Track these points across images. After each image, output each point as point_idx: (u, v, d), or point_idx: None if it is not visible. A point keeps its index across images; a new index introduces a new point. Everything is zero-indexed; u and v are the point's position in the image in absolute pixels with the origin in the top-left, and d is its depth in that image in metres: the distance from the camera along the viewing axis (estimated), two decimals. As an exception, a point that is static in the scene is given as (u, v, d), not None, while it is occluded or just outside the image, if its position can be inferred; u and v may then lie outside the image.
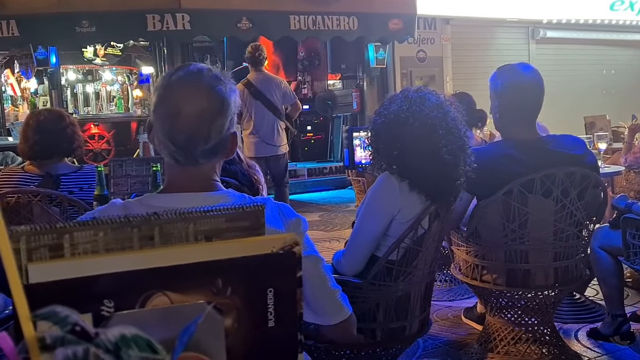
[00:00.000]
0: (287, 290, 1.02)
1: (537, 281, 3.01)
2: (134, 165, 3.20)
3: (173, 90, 1.48)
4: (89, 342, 0.49)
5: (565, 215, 2.93)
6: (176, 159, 1.48)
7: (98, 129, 10.09)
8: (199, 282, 0.95)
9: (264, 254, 1.00)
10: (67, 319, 0.49)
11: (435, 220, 2.35)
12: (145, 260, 0.93)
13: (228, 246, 0.98)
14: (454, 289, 4.58)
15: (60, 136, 3.18)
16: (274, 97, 6.38)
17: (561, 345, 3.26)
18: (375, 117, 2.48)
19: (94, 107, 11.75)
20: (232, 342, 0.97)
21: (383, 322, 2.33)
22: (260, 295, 1.00)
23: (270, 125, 6.38)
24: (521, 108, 2.96)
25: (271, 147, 6.36)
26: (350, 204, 8.75)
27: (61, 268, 0.91)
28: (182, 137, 1.45)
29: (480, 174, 2.52)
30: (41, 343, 0.48)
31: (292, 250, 1.02)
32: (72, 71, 11.66)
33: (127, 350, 0.49)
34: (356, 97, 10.82)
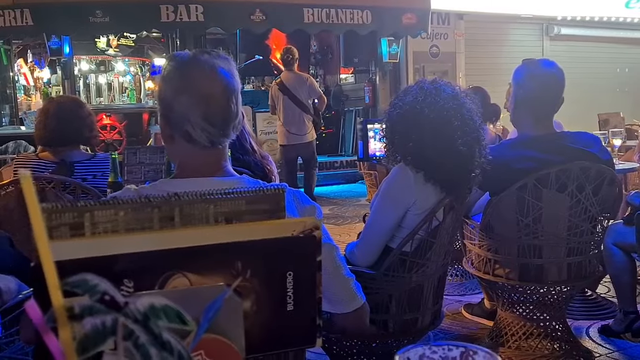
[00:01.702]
0: (307, 274, 1.01)
1: (550, 276, 2.99)
2: (147, 154, 3.20)
3: (194, 76, 1.51)
4: (117, 312, 0.48)
5: (579, 211, 2.91)
6: (212, 140, 1.53)
7: (110, 119, 10.12)
8: (218, 264, 0.95)
9: (284, 237, 0.99)
10: (96, 287, 0.48)
11: (450, 212, 2.34)
12: (165, 240, 0.92)
13: (248, 228, 0.98)
14: (465, 284, 4.57)
15: (79, 123, 3.18)
16: (299, 93, 7.37)
17: (572, 342, 3.24)
18: (390, 109, 2.47)
19: (106, 98, 11.77)
20: (251, 325, 0.97)
21: (396, 314, 2.32)
22: (279, 279, 0.99)
23: (297, 118, 7.40)
24: (539, 102, 2.95)
25: (299, 137, 7.43)
26: (361, 198, 8.74)
27: (82, 247, 0.90)
28: (219, 117, 1.51)
29: (493, 172, 2.51)
30: (69, 312, 0.47)
31: (313, 234, 1.01)
32: (85, 61, 11.69)
33: (156, 320, 0.49)
34: (368, 91, 10.80)
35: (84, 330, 0.48)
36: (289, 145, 7.50)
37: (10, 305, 1.99)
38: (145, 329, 0.49)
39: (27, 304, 0.47)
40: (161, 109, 1.58)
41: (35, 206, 0.45)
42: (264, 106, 10.15)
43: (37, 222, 0.45)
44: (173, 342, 0.50)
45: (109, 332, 0.48)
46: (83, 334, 0.48)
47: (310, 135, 7.55)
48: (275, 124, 8.82)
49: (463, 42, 11.38)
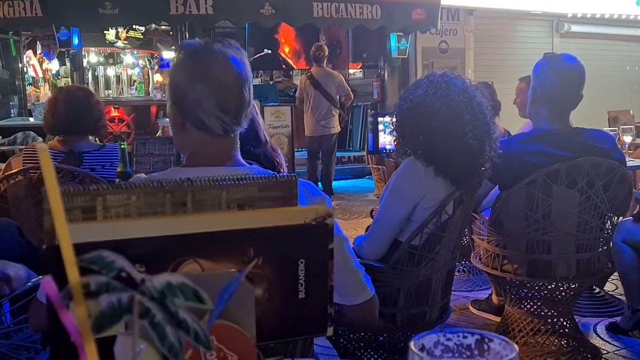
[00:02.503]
0: (319, 262, 1.00)
1: (559, 272, 2.98)
2: (157, 144, 3.20)
3: (207, 65, 1.51)
4: (134, 289, 0.48)
5: (589, 207, 2.89)
6: (225, 128, 1.53)
7: (118, 112, 10.13)
8: (230, 250, 0.94)
9: (296, 225, 0.98)
10: (113, 264, 0.47)
11: (460, 206, 2.33)
12: (177, 226, 0.92)
13: (260, 215, 0.97)
14: (472, 280, 4.56)
15: (89, 113, 3.18)
16: (330, 88, 7.90)
17: (580, 338, 3.23)
18: (401, 102, 2.46)
19: (114, 90, 11.79)
20: (262, 312, 0.96)
21: (404, 307, 2.32)
22: (291, 266, 0.99)
23: (325, 111, 7.94)
24: (557, 96, 2.93)
25: (325, 128, 7.99)
26: (369, 193, 8.72)
27: (93, 230, 0.90)
28: (233, 106, 1.52)
29: (505, 164, 2.50)
30: (85, 289, 0.47)
31: (325, 222, 1.00)
32: (93, 53, 11.71)
33: (173, 298, 0.48)
34: (377, 86, 10.77)
35: (99, 307, 0.48)
36: (315, 136, 8.07)
37: (19, 293, 1.99)
38: (162, 307, 0.48)
39: (43, 279, 0.46)
40: (173, 97, 1.57)
41: (52, 178, 0.45)
42: (273, 100, 10.16)
43: (54, 194, 0.45)
44: (190, 320, 0.50)
45: (125, 309, 0.48)
46: (99, 312, 0.47)
47: (336, 128, 8.15)
48: (282, 119, 8.98)
49: (472, 38, 11.33)
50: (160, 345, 0.49)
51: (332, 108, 8.02)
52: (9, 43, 10.28)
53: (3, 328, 1.98)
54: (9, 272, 1.97)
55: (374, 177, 8.03)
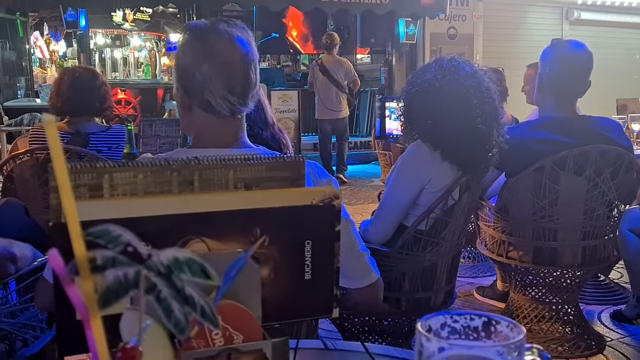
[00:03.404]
0: (325, 243, 1.00)
1: (565, 260, 2.97)
2: (163, 126, 3.19)
3: (213, 45, 1.50)
4: (140, 264, 0.47)
5: (596, 195, 2.88)
6: (232, 110, 1.52)
7: (125, 94, 10.13)
8: (237, 230, 0.94)
9: (303, 206, 0.98)
10: (119, 238, 0.47)
11: (466, 192, 2.32)
12: (184, 204, 0.91)
13: (267, 195, 0.97)
14: (477, 266, 4.56)
15: (94, 94, 3.18)
16: (338, 75, 8.37)
17: (584, 326, 3.23)
18: (408, 87, 2.44)
19: (121, 73, 11.77)
20: (268, 293, 0.96)
21: (409, 292, 2.32)
22: (297, 247, 0.98)
23: (334, 96, 8.41)
24: (564, 83, 2.91)
25: (334, 112, 8.45)
26: (375, 179, 8.72)
27: (100, 208, 0.90)
28: (240, 86, 1.51)
29: (512, 152, 2.48)
30: (92, 263, 0.47)
31: (332, 204, 1.00)
32: (100, 35, 11.67)
33: (180, 273, 0.48)
34: (384, 72, 10.73)
35: (106, 282, 0.47)
36: (325, 119, 8.55)
37: (25, 272, 2.00)
38: (168, 283, 0.48)
39: (50, 252, 0.46)
40: (179, 78, 1.57)
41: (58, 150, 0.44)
42: (280, 84, 10.13)
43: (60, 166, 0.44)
44: (196, 296, 0.49)
45: (131, 284, 0.47)
46: (105, 286, 0.47)
47: (344, 111, 8.60)
48: (289, 103, 9.17)
49: (481, 24, 11.25)
50: (167, 321, 0.49)
51: (339, 93, 8.43)
52: (16, 24, 10.26)
53: (9, 307, 1.99)
54: (14, 251, 1.98)
55: (381, 163, 8.02)
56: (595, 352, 3.13)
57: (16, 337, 2.01)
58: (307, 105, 9.43)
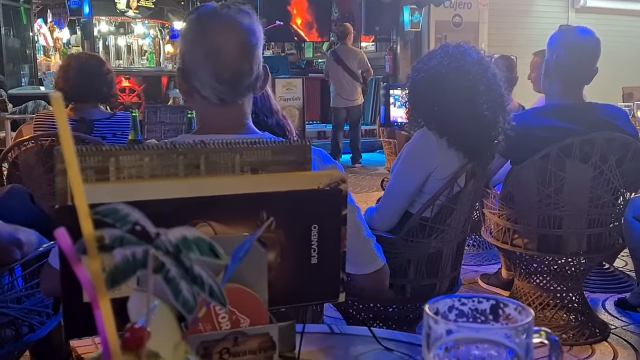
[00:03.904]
0: (332, 227, 1.00)
1: (570, 247, 2.97)
2: (168, 113, 3.18)
3: (208, 30, 1.47)
4: (149, 243, 0.47)
5: (602, 182, 2.87)
6: (221, 98, 1.49)
7: (129, 82, 10.12)
8: (243, 214, 0.94)
9: (309, 190, 0.98)
10: (127, 217, 0.47)
11: (472, 179, 2.31)
12: (190, 188, 0.91)
13: (274, 179, 0.96)
14: (481, 254, 4.56)
15: (101, 80, 3.17)
16: (351, 64, 8.72)
17: (588, 313, 3.23)
18: (414, 73, 2.43)
19: (125, 61, 11.75)
20: (275, 277, 0.96)
21: (414, 279, 2.32)
22: (304, 231, 0.98)
23: (348, 85, 8.78)
24: (571, 70, 2.89)
25: (348, 101, 8.84)
26: (379, 167, 8.71)
27: (106, 191, 0.90)
28: (228, 74, 1.46)
29: (517, 139, 2.47)
30: (100, 242, 0.46)
31: (339, 188, 1.00)
32: (104, 22, 11.64)
33: (188, 252, 0.47)
34: (389, 60, 10.70)
35: (114, 261, 0.47)
36: (340, 107, 8.92)
37: (31, 257, 2.01)
38: (177, 262, 0.48)
39: (57, 231, 0.45)
40: (179, 61, 1.56)
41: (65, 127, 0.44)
42: (284, 72, 10.10)
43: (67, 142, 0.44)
44: (205, 276, 0.49)
45: (140, 264, 0.47)
46: (113, 266, 0.47)
47: (359, 99, 8.98)
48: (294, 91, 9.31)
49: (487, 12, 11.19)
50: (175, 300, 0.49)
51: (354, 82, 8.80)
52: (20, 11, 10.25)
53: (15, 292, 2.00)
54: (20, 237, 1.98)
55: (385, 151, 8.02)
56: (600, 340, 3.13)
57: (22, 322, 2.02)
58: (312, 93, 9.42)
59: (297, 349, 0.97)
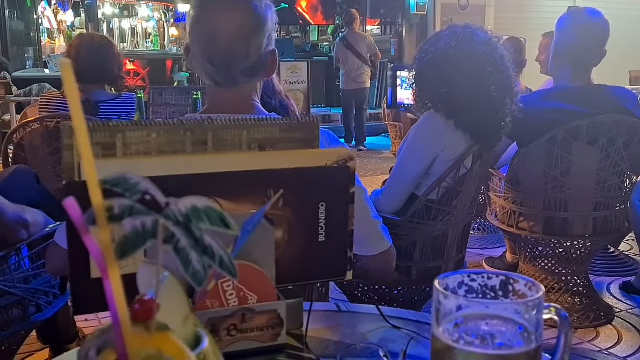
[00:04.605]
0: (340, 205, 0.99)
1: (576, 230, 2.96)
2: (173, 94, 3.17)
3: (208, 10, 1.45)
4: (158, 213, 0.46)
5: (609, 165, 2.86)
6: (216, 80, 1.46)
7: (134, 65, 10.10)
8: (250, 191, 0.93)
9: (317, 167, 0.97)
10: (137, 186, 0.46)
11: (478, 161, 2.30)
12: (198, 165, 0.91)
13: (282, 156, 0.96)
14: (486, 238, 4.56)
15: (111, 62, 3.16)
16: (361, 48, 9.08)
17: (593, 297, 3.23)
18: (421, 55, 2.40)
19: (129, 44, 11.71)
20: (282, 254, 0.96)
21: (419, 261, 2.31)
22: (311, 209, 0.98)
23: (357, 68, 9.13)
24: (579, 52, 2.87)
25: (357, 84, 9.20)
26: (384, 151, 8.69)
27: (113, 167, 0.89)
28: (221, 57, 1.43)
29: (524, 121, 2.46)
30: (109, 212, 0.46)
31: (347, 165, 0.99)
32: (109, 5, 11.58)
33: (198, 222, 0.47)
34: (395, 43, 10.65)
35: (123, 231, 0.46)
36: (350, 90, 9.25)
37: (37, 238, 2.01)
38: (187, 232, 0.47)
39: (66, 201, 0.45)
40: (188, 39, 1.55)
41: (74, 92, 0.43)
42: (289, 55, 10.07)
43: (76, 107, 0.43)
44: (215, 246, 0.48)
45: (149, 234, 0.46)
46: (122, 236, 0.46)
47: (367, 82, 9.34)
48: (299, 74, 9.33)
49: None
50: (185, 271, 0.48)
51: (363, 66, 9.13)
52: (24, -6, 10.21)
53: (22, 272, 2.00)
54: (27, 217, 1.98)
55: (391, 134, 7.99)
56: (604, 323, 3.13)
57: (29, 302, 2.02)
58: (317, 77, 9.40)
59: (304, 327, 0.97)
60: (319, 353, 0.90)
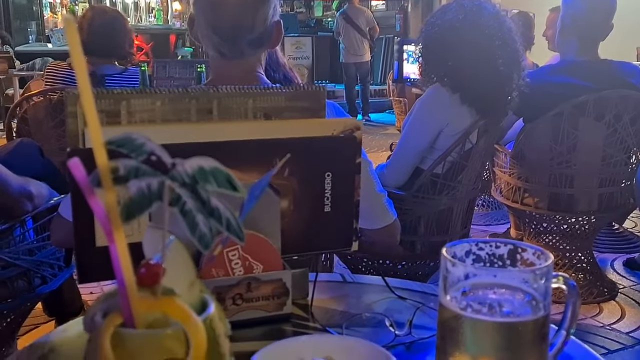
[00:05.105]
0: (346, 175, 0.98)
1: (581, 206, 2.95)
2: (177, 68, 3.15)
3: None
4: (164, 174, 0.46)
5: (615, 141, 2.84)
6: (221, 51, 1.45)
7: (137, 39, 10.00)
8: (256, 160, 0.92)
9: (323, 137, 0.96)
10: (143, 147, 0.45)
11: (484, 136, 2.29)
12: (202, 133, 0.90)
13: (287, 125, 0.95)
14: (490, 214, 4.55)
15: (122, 37, 3.13)
16: (360, 22, 9.44)
17: (597, 273, 3.23)
18: (427, 28, 2.38)
19: (132, 18, 11.64)
20: (288, 225, 0.95)
21: (424, 235, 2.31)
22: (317, 179, 0.97)
23: (357, 41, 9.50)
24: (585, 25, 2.84)
25: (357, 57, 9.55)
26: (388, 127, 8.66)
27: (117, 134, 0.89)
28: (227, 28, 1.41)
29: (531, 96, 2.44)
30: (114, 174, 0.45)
31: (353, 135, 0.98)
32: (112, -22, 11.52)
33: (205, 184, 0.46)
34: (400, 19, 10.57)
35: (129, 193, 0.46)
36: (350, 62, 9.59)
37: (42, 210, 2.01)
38: (193, 194, 0.46)
39: (70, 161, 0.44)
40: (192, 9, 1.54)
41: (78, 50, 0.42)
42: (293, 30, 10.01)
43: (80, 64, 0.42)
44: (222, 208, 0.48)
45: (155, 196, 0.46)
46: (128, 198, 0.46)
47: (367, 55, 9.65)
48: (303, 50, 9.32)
49: (500, -31, 10.97)
50: (191, 234, 0.48)
51: (362, 39, 9.48)
52: (27, -33, 10.13)
53: (27, 244, 2.00)
54: (31, 189, 1.98)
55: (395, 110, 7.95)
56: (608, 299, 3.14)
57: (34, 274, 2.03)
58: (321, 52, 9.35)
59: (309, 296, 0.97)
60: (325, 322, 0.90)
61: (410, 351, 0.83)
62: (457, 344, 0.67)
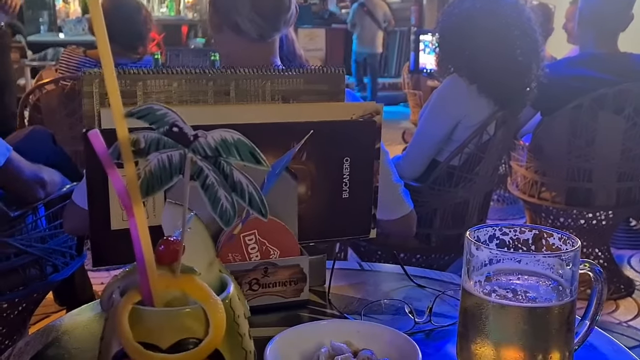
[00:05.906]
0: (364, 161, 0.97)
1: (598, 201, 2.91)
2: (190, 56, 3.14)
3: None
4: (186, 146, 0.44)
5: (635, 134, 2.80)
6: (260, 33, 1.49)
7: (150, 31, 10.02)
8: (273, 144, 0.90)
9: (342, 121, 0.94)
10: (165, 117, 0.44)
11: (502, 127, 2.26)
12: (219, 115, 0.88)
13: (306, 109, 0.93)
14: (505, 209, 4.52)
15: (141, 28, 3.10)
16: (378, 14, 9.66)
17: (614, 269, 3.20)
18: (444, 17, 2.35)
19: (145, 9, 11.61)
20: (305, 210, 0.93)
21: (439, 228, 2.29)
22: (335, 164, 0.95)
23: (372, 33, 9.72)
24: (604, 16, 2.79)
25: (371, 47, 9.79)
26: (402, 121, 8.60)
27: (134, 116, 0.87)
28: (269, 9, 1.47)
29: (549, 89, 2.40)
30: (135, 146, 0.43)
31: (373, 119, 0.96)
32: (125, -31, 11.49)
33: (228, 156, 0.45)
34: (415, 11, 10.48)
35: (149, 167, 0.44)
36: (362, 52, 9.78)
37: (54, 197, 2.00)
38: (215, 167, 0.45)
39: (90, 132, 0.43)
40: None
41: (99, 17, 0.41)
42: (307, 22, 9.97)
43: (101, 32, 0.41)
44: (245, 182, 0.46)
45: (176, 169, 0.44)
46: (148, 171, 0.44)
47: (379, 48, 9.93)
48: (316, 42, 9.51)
49: (518, -38, 10.87)
50: (212, 210, 0.46)
51: (377, 31, 9.71)
52: (40, -43, 10.14)
53: (39, 232, 2.00)
54: (43, 176, 1.97)
55: (410, 103, 7.88)
56: (624, 295, 3.11)
57: (46, 262, 2.03)
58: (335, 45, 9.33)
59: (327, 283, 0.95)
60: (343, 309, 0.89)
61: (429, 339, 0.82)
62: (480, 330, 0.65)
